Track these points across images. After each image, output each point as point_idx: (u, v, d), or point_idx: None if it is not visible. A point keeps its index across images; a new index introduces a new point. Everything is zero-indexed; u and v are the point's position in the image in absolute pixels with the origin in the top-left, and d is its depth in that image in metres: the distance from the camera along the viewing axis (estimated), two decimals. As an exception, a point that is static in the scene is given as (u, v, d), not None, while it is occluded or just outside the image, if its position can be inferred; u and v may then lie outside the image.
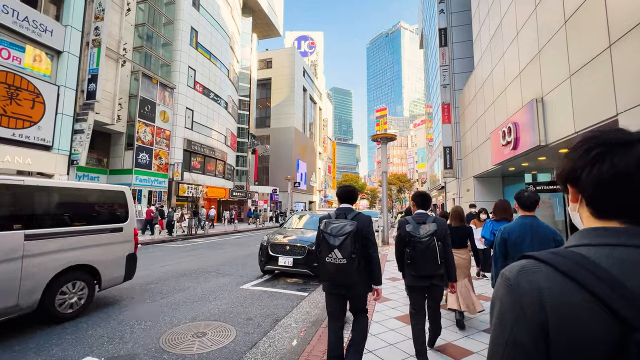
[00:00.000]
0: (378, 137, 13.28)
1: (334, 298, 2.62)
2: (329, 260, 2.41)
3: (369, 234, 2.55)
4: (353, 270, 2.39)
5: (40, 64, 13.79)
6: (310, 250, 6.26)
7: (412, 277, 2.87)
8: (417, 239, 2.78)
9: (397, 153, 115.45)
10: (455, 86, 18.01)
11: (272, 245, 6.58)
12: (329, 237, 2.43)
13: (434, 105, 27.32)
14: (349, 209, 2.68)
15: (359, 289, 2.57)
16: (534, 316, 0.52)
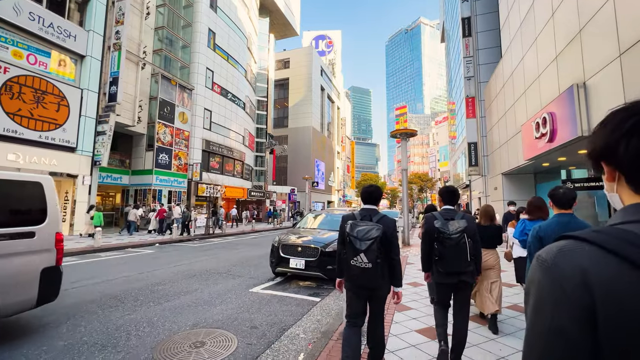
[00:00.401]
0: (398, 132, 12.63)
1: (356, 297, 2.61)
2: (354, 264, 2.41)
3: (393, 237, 2.54)
4: (377, 274, 2.40)
5: (65, 68, 14.27)
6: (323, 252, 5.85)
7: (440, 273, 2.79)
8: (446, 235, 2.70)
9: (418, 152, 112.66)
10: (480, 78, 16.96)
11: (283, 246, 6.22)
12: (355, 241, 2.41)
13: (457, 100, 26.10)
14: (374, 210, 2.65)
15: (383, 291, 2.58)
16: (578, 300, 0.48)
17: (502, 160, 13.23)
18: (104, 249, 10.56)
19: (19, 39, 12.66)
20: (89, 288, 5.64)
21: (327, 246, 5.94)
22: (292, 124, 46.91)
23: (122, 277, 6.52)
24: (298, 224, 7.91)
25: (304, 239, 6.34)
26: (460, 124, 25.48)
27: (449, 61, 33.42)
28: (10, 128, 12.01)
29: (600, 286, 0.47)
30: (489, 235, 3.90)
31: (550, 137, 7.82)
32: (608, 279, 0.47)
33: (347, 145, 66.99)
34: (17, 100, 12.27)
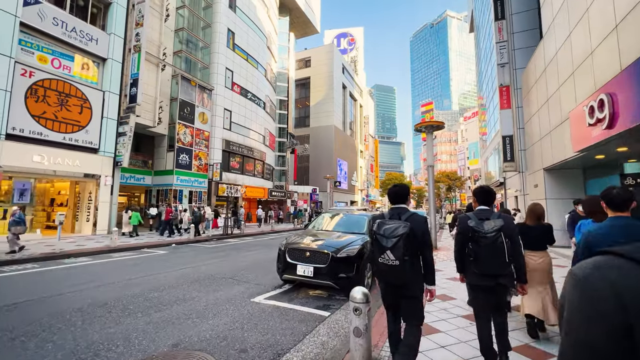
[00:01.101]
0: (422, 125, 11.56)
1: (387, 294, 2.65)
2: (382, 261, 2.44)
3: (424, 234, 2.48)
4: (406, 271, 2.38)
5: (88, 71, 14.59)
6: (334, 258, 5.10)
7: (475, 275, 2.67)
8: (481, 234, 2.58)
9: (445, 149, 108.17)
10: (516, 64, 15.36)
11: (290, 250, 5.54)
12: (382, 239, 2.44)
13: (489, 90, 24.21)
14: (403, 209, 2.62)
15: (414, 290, 2.52)
16: (610, 316, 0.48)
17: (543, 154, 11.74)
18: (120, 249, 10.49)
19: (44, 44, 13.04)
20: (84, 293, 5.28)
21: (339, 251, 5.19)
22: (314, 123, 46.43)
23: (124, 281, 6.16)
24: (312, 224, 7.20)
25: (315, 242, 5.62)
26: (491, 118, 23.60)
27: (478, 51, 31.29)
28: (35, 130, 12.36)
29: (632, 299, 0.46)
30: (535, 236, 3.59)
31: (609, 122, 6.53)
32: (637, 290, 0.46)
33: (371, 144, 65.50)
34: (42, 103, 12.62)
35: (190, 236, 14.08)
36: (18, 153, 11.73)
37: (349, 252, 5.22)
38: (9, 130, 11.55)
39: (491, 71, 21.87)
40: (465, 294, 4.76)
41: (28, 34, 12.48)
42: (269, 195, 28.31)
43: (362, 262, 5.30)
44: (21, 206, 12.91)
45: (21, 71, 12.01)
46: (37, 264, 7.86)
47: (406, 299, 2.54)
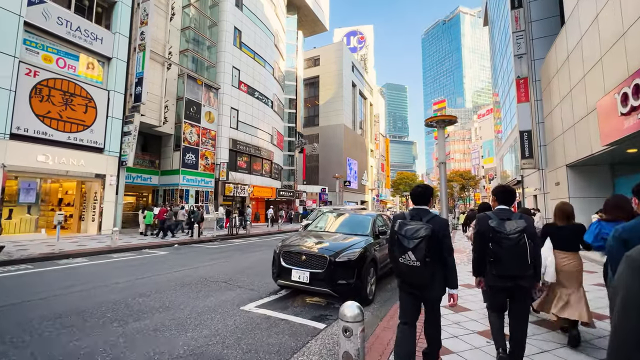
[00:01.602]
0: (433, 120, 10.88)
1: (409, 298, 2.59)
2: (402, 261, 2.44)
3: (445, 237, 2.48)
4: (427, 273, 2.38)
5: (92, 70, 14.54)
6: (332, 262, 4.59)
7: (494, 276, 2.60)
8: (503, 234, 2.49)
9: (458, 148, 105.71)
10: (535, 55, 14.45)
11: (285, 253, 5.06)
12: (403, 239, 2.43)
13: (504, 85, 23.15)
14: (425, 210, 2.61)
15: (435, 292, 2.52)
16: None
17: (566, 149, 10.88)
18: (120, 249, 10.28)
19: (49, 44, 13.03)
20: (66, 297, 4.96)
21: (339, 255, 4.67)
22: (323, 122, 45.95)
23: (112, 284, 5.83)
24: (312, 225, 6.69)
25: (312, 244, 5.12)
26: (507, 114, 22.54)
27: (493, 45, 30.11)
28: (40, 130, 12.33)
29: None
30: (565, 236, 3.41)
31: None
32: None
33: (381, 143, 64.51)
34: (47, 102, 12.60)
35: (185, 237, 13.81)
36: (23, 153, 11.71)
37: (349, 256, 4.70)
38: (13, 129, 11.53)
39: (507, 64, 20.87)
40: (480, 305, 4.33)
41: (33, 33, 12.47)
42: (277, 195, 27.99)
43: (364, 266, 4.77)
44: (26, 206, 12.99)
45: (25, 71, 11.99)
46: (32, 265, 7.66)
47: (427, 301, 2.57)
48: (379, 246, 5.62)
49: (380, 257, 5.58)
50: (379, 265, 5.51)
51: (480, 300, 4.32)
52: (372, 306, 4.81)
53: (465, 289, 5.57)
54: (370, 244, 5.30)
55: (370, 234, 5.68)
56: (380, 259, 5.62)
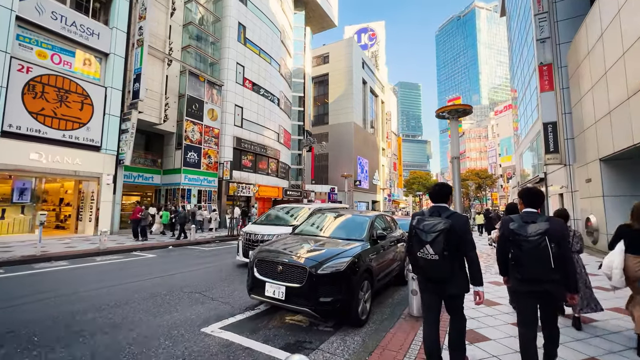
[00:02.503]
0: (445, 110, 9.80)
1: (429, 296, 2.63)
2: (420, 255, 2.48)
3: (465, 232, 2.49)
4: (446, 267, 2.40)
5: (89, 67, 14.17)
6: (313, 275, 3.69)
7: (518, 280, 2.50)
8: (522, 237, 2.41)
9: (474, 146, 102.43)
10: (560, 38, 13.07)
11: (259, 262, 4.19)
12: (421, 233, 2.46)
13: (524, 76, 21.57)
14: (444, 207, 2.64)
15: (455, 288, 2.50)
16: None
17: (600, 141, 9.57)
18: (108, 251, 9.72)
19: (43, 39, 12.69)
20: (14, 310, 4.30)
21: (322, 265, 3.77)
22: (333, 120, 45.00)
23: (73, 294, 5.14)
24: (300, 227, 5.78)
25: (292, 251, 4.23)
26: (528, 107, 20.97)
27: (511, 36, 28.39)
28: (33, 127, 11.98)
29: None
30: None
31: None
32: None
33: (393, 141, 62.93)
34: (40, 99, 12.25)
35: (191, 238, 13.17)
36: (14, 151, 11.37)
37: (335, 266, 3.78)
38: (5, 127, 11.20)
39: (527, 53, 19.37)
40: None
41: (26, 28, 12.15)
42: (284, 194, 27.26)
43: (355, 280, 3.86)
44: (20, 206, 12.67)
45: (18, 67, 11.66)
46: (3, 269, 7.11)
47: (448, 299, 2.56)
48: (376, 254, 4.68)
49: (377, 266, 4.64)
50: (376, 276, 4.57)
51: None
52: (366, 329, 3.89)
53: (493, 285, 4.61)
54: (365, 251, 4.37)
55: (366, 238, 4.74)
56: (378, 269, 4.68)
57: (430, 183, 72.97)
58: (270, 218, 8.74)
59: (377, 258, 4.70)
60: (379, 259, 4.75)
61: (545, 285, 2.37)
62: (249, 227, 8.25)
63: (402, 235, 6.47)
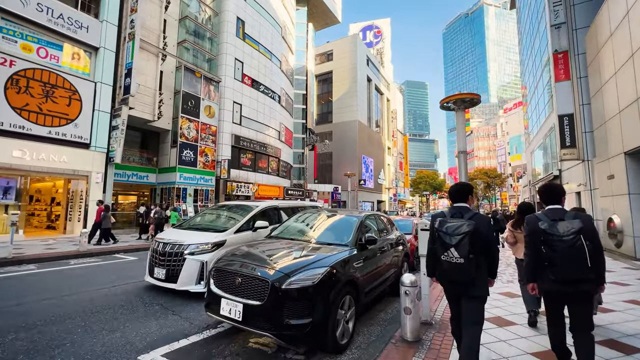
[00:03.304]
0: (450, 100, 8.92)
1: (454, 299, 2.59)
2: (444, 259, 2.40)
3: (489, 235, 2.44)
4: (472, 270, 2.32)
5: (78, 61, 13.65)
6: (278, 289, 2.92)
7: (552, 281, 2.38)
8: (556, 237, 2.31)
9: (482, 145, 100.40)
10: (576, 23, 12.05)
11: (217, 272, 3.44)
12: (445, 236, 2.40)
13: (535, 69, 20.45)
14: (465, 208, 2.57)
15: (476, 289, 2.41)
16: None
17: (625, 133, 8.58)
18: (89, 253, 9.12)
19: (28, 32, 12.20)
20: None
21: (289, 277, 2.99)
22: (337, 118, 44.19)
23: (20, 304, 4.49)
24: (278, 230, 4.95)
25: (258, 259, 3.47)
26: (540, 101, 19.86)
27: (521, 29, 27.20)
28: (16, 123, 11.48)
29: None
30: None
31: None
32: None
33: (399, 140, 61.76)
34: (25, 94, 11.75)
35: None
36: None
37: (306, 279, 3.01)
38: (-15, 123, 10.73)
39: (539, 44, 18.28)
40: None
41: (9, 20, 11.66)
42: (285, 194, 26.57)
43: (333, 295, 3.08)
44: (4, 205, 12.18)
45: (0, 60, 11.18)
46: (-38, 273, 6.51)
47: (469, 299, 2.44)
48: (364, 261, 3.89)
49: (365, 277, 3.85)
50: (364, 289, 3.78)
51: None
52: (347, 356, 3.10)
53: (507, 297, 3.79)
54: (349, 258, 3.59)
55: (352, 243, 3.95)
56: (367, 280, 3.89)
57: (437, 182, 71.55)
58: (201, 220, 6.54)
59: (366, 266, 3.91)
60: (367, 268, 3.95)
61: (583, 286, 2.31)
62: (164, 233, 6.08)
63: (399, 238, 5.66)
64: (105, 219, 10.87)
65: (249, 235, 5.65)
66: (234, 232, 5.53)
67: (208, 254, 5.01)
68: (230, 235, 5.45)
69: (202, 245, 5.10)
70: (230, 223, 5.92)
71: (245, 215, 6.00)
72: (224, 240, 5.29)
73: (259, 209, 6.32)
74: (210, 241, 5.17)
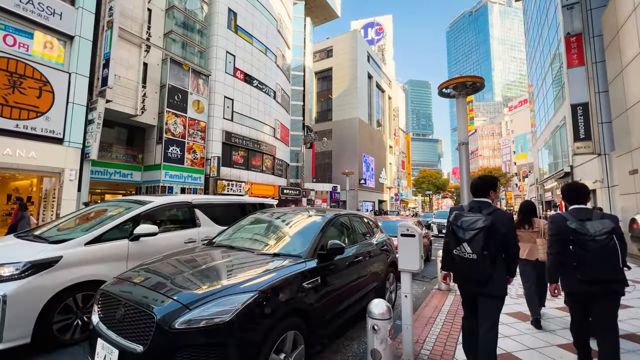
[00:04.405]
0: (450, 84, 7.83)
1: (468, 296, 2.49)
2: (457, 253, 2.35)
3: (510, 232, 2.29)
4: (485, 267, 2.22)
5: (51, 50, 12.73)
6: (166, 331, 1.87)
7: (579, 281, 2.34)
8: (588, 237, 2.26)
9: (487, 144, 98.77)
10: (591, 3, 10.88)
11: (102, 296, 2.41)
12: (458, 230, 2.33)
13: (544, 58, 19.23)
14: (486, 203, 2.43)
15: (492, 289, 2.28)
16: None
17: (651, 119, 7.44)
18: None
19: (-7, 18, 11.32)
20: None
21: (188, 311, 1.95)
22: (336, 116, 43.14)
23: None
24: (224, 235, 3.75)
25: (161, 279, 2.44)
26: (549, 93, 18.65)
27: (527, 20, 25.95)
28: (-22, 116, 10.61)
29: None
30: None
31: None
32: None
33: (402, 139, 60.54)
34: (-13, 84, 10.87)
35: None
36: (-47, 142, 10.00)
37: (215, 314, 1.97)
38: (-59, 115, 9.84)
39: (547, 32, 17.09)
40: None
41: (-29, 4, 10.79)
42: (281, 193, 25.58)
43: (261, 334, 2.04)
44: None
45: (-41, 47, 10.30)
46: None
47: (485, 298, 2.32)
48: (322, 278, 2.84)
49: (324, 300, 2.80)
50: (321, 318, 2.73)
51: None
52: None
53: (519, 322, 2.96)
54: (295, 276, 2.54)
55: (307, 254, 2.90)
56: (326, 304, 2.83)
57: (440, 182, 70.22)
58: (58, 224, 4.38)
59: (327, 285, 2.87)
60: (329, 286, 2.91)
61: (613, 286, 2.28)
62: None
63: (383, 243, 4.61)
64: (22, 221, 8.63)
65: (121, 247, 3.71)
66: (86, 243, 3.47)
67: (16, 281, 2.91)
68: (75, 248, 3.36)
69: (5, 267, 2.97)
70: (85, 228, 3.86)
71: (124, 215, 3.98)
72: (56, 257, 3.18)
73: (149, 207, 4.22)
74: (22, 260, 3.04)
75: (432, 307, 4.52)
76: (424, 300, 4.85)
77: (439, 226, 17.22)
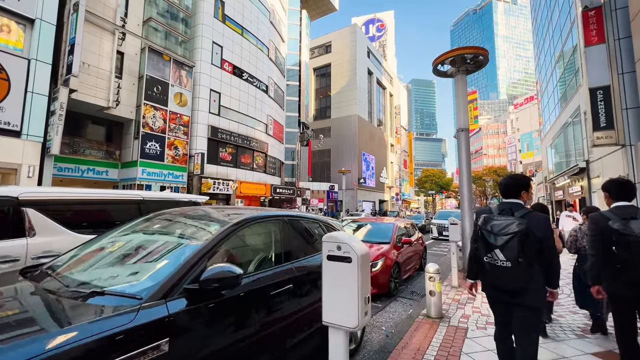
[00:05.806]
0: (447, 57, 6.47)
1: (499, 306, 2.25)
2: (487, 260, 2.11)
3: (547, 237, 2.05)
4: (520, 275, 1.99)
5: (8, 35, 11.56)
6: None
7: (623, 284, 2.22)
8: (633, 237, 2.09)
9: (492, 143, 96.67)
10: (614, -29, 9.43)
11: None
12: (489, 235, 2.09)
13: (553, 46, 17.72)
14: (518, 204, 2.19)
15: (527, 299, 2.04)
16: None
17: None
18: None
19: (-62, -4, 10.18)
20: None
21: None
22: (335, 113, 41.78)
23: None
24: (105, 237, 2.55)
25: None
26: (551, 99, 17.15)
27: (535, 5, 24.39)
28: None
29: None
30: None
31: None
32: None
33: (403, 137, 58.97)
34: None
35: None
36: None
37: None
38: None
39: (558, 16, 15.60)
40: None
41: None
42: (273, 192, 24.28)
43: None
44: None
45: None
46: None
47: (520, 309, 2.07)
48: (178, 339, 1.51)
49: None
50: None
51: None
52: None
53: None
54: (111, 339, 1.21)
55: (158, 291, 1.56)
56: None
57: (444, 181, 68.45)
58: None
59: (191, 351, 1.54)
60: (199, 352, 1.58)
61: None
62: None
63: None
64: None
65: None
66: None
67: None
68: None
69: None
70: None
71: None
72: None
73: None
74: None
75: (414, 347, 3.17)
76: (404, 336, 3.50)
77: (439, 228, 15.81)
